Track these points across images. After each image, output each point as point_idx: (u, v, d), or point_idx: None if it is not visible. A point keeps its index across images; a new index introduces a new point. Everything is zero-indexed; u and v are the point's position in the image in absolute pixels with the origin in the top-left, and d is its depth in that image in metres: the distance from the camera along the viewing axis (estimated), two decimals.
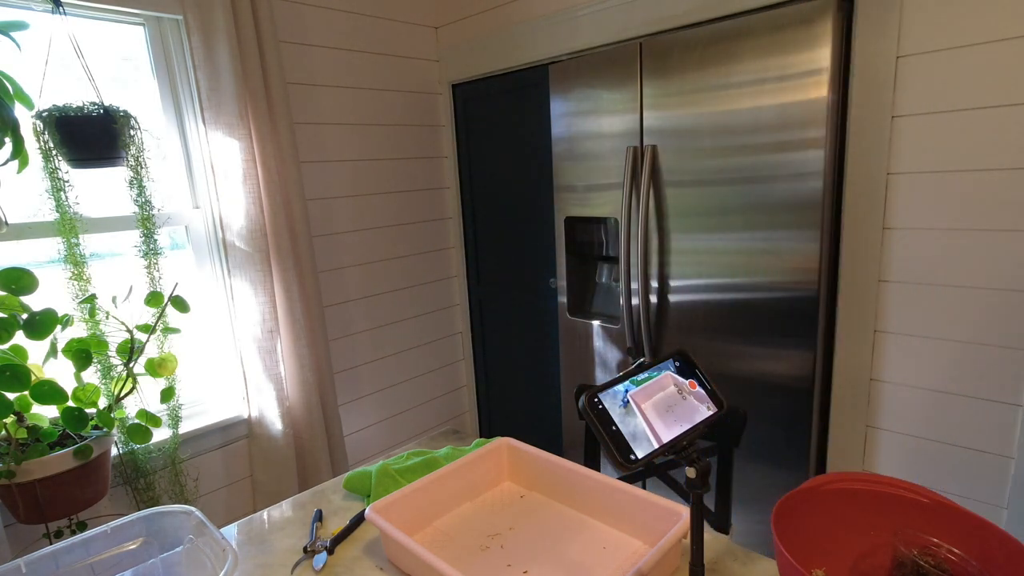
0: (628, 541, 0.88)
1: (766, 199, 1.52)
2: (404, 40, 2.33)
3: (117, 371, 1.52)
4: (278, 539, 0.96)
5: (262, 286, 1.83)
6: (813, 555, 0.71)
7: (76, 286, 1.48)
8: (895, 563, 0.69)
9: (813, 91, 1.40)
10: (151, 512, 0.88)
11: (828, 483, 0.75)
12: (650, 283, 1.80)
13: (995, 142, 1.27)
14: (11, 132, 1.26)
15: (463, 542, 0.90)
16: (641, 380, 0.69)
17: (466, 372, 2.77)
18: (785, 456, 1.61)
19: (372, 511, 0.86)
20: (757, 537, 1.71)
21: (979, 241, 1.32)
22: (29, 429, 1.36)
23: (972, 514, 0.67)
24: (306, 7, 2.01)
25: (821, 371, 1.55)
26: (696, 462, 0.64)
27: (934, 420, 1.44)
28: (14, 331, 1.29)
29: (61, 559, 0.81)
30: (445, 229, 2.60)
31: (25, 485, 1.31)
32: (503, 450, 1.07)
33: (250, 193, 1.77)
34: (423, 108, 2.43)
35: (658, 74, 1.66)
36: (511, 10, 2.15)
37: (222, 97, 1.71)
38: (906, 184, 1.39)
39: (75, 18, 1.53)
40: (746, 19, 1.47)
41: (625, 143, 1.77)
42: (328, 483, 1.15)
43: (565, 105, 1.91)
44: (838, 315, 1.53)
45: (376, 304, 2.34)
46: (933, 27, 1.30)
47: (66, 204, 1.45)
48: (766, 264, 1.55)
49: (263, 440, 1.92)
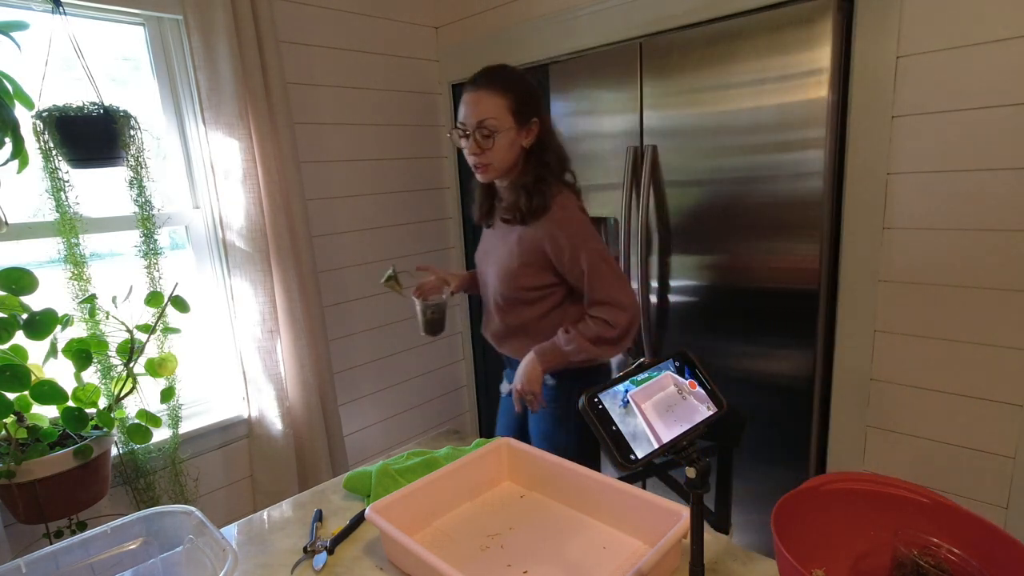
0: (628, 541, 0.88)
1: (766, 199, 1.52)
2: (404, 40, 2.33)
3: (117, 371, 1.52)
4: (278, 539, 0.96)
5: (262, 286, 1.83)
6: (813, 555, 0.71)
7: (76, 286, 1.48)
8: (895, 563, 0.69)
9: (813, 91, 1.40)
10: (151, 512, 0.88)
11: (828, 483, 0.75)
12: (650, 283, 1.80)
13: (995, 142, 1.27)
14: (11, 132, 1.26)
15: (463, 542, 0.90)
16: (641, 380, 0.69)
17: (466, 372, 2.76)
18: (785, 456, 1.61)
19: (372, 511, 0.86)
20: (757, 537, 1.71)
21: (979, 241, 1.32)
22: (29, 429, 1.36)
23: (972, 514, 0.67)
24: (306, 7, 2.00)
25: (821, 371, 1.55)
26: (696, 462, 0.64)
27: (934, 420, 1.44)
28: (14, 331, 1.29)
29: (61, 559, 0.81)
30: (445, 229, 2.60)
31: (25, 485, 1.30)
32: (503, 450, 1.07)
33: (250, 193, 1.77)
34: (423, 108, 2.43)
35: (658, 74, 1.66)
36: (511, 10, 2.15)
37: (222, 97, 1.71)
38: (906, 184, 1.39)
39: (75, 18, 1.53)
40: (746, 19, 1.47)
41: (625, 143, 1.77)
42: (328, 483, 1.15)
43: (565, 105, 1.91)
44: (838, 315, 1.53)
45: (376, 304, 2.34)
46: (933, 27, 1.30)
47: (66, 204, 1.45)
48: (766, 264, 1.55)
49: (263, 440, 1.92)
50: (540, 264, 1.33)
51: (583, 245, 1.29)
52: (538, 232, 1.31)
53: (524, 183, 1.33)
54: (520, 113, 1.30)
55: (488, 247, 1.48)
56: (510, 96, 1.29)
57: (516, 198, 1.33)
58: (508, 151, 1.31)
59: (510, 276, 1.36)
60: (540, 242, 1.31)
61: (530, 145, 1.34)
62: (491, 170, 1.33)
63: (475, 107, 1.29)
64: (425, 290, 1.53)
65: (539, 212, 1.30)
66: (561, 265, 1.31)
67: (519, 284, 1.36)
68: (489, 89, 1.29)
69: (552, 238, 1.29)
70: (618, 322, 1.28)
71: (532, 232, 1.32)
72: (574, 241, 1.29)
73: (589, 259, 1.29)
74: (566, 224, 1.30)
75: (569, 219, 1.31)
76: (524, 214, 1.32)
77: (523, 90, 1.32)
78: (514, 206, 1.33)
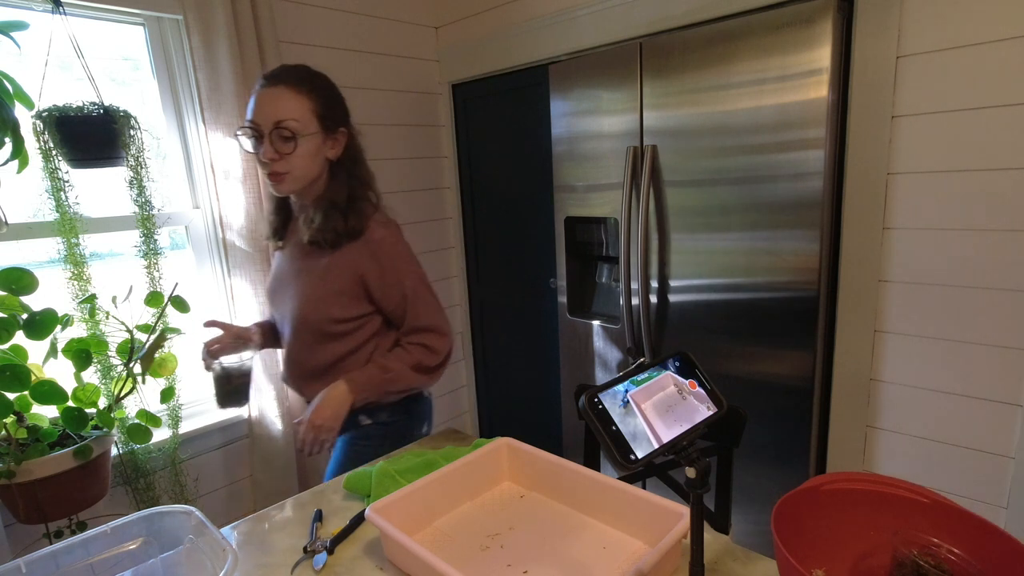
0: (628, 541, 0.88)
1: (766, 199, 1.52)
2: (404, 40, 2.33)
3: (117, 371, 1.52)
4: (278, 539, 0.96)
5: (262, 286, 1.82)
6: (813, 555, 0.71)
7: (76, 286, 1.48)
8: (895, 563, 0.69)
9: (813, 91, 1.40)
10: (151, 512, 0.87)
11: (828, 483, 0.75)
12: (650, 283, 1.80)
13: (995, 142, 1.27)
14: (11, 132, 1.26)
15: (463, 542, 0.90)
16: (641, 380, 0.69)
17: (466, 372, 2.76)
18: (785, 456, 1.61)
19: (372, 511, 0.86)
20: (757, 537, 1.71)
21: (979, 241, 1.32)
22: (29, 429, 1.36)
23: (972, 514, 0.67)
24: (306, 7, 2.00)
25: (821, 371, 1.55)
26: (696, 462, 0.64)
27: (934, 420, 1.44)
28: (14, 331, 1.29)
29: (61, 559, 0.81)
30: (445, 229, 2.60)
31: (25, 485, 1.30)
32: (503, 450, 1.07)
33: (250, 193, 1.77)
34: (423, 108, 2.43)
35: (658, 74, 1.66)
36: (511, 10, 2.15)
37: (222, 97, 1.71)
38: (906, 184, 1.39)
39: (75, 18, 1.53)
40: (746, 19, 1.47)
41: (625, 143, 1.77)
42: (328, 483, 1.15)
43: (565, 105, 1.91)
44: (838, 315, 1.53)
45: None
46: (933, 27, 1.30)
47: (66, 204, 1.45)
48: (766, 264, 1.55)
49: (263, 440, 1.92)
50: (354, 292, 1.19)
51: (406, 269, 1.20)
52: (353, 256, 1.17)
53: (336, 201, 1.18)
54: (327, 119, 1.16)
55: (285, 276, 1.29)
56: (315, 98, 1.15)
57: (328, 219, 1.17)
58: (311, 160, 1.16)
59: (319, 307, 1.20)
60: (356, 267, 1.17)
61: (337, 158, 1.20)
62: (289, 180, 1.16)
63: (273, 105, 1.11)
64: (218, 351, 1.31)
65: (355, 234, 1.17)
66: (380, 291, 1.19)
67: (330, 315, 1.20)
68: (291, 87, 1.13)
69: (371, 262, 1.17)
70: (439, 348, 1.20)
71: (345, 257, 1.18)
72: (396, 264, 1.19)
73: (412, 284, 1.20)
74: (386, 247, 1.18)
75: (389, 241, 1.19)
76: (339, 236, 1.17)
77: (330, 94, 1.19)
78: (326, 227, 1.17)
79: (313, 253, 1.21)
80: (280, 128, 1.11)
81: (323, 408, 1.17)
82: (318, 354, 1.24)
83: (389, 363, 1.20)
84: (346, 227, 1.16)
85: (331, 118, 1.17)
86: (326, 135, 1.17)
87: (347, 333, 1.22)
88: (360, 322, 1.22)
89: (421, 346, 1.21)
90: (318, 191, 1.21)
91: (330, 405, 1.17)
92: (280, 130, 1.12)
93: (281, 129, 1.11)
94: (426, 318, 1.21)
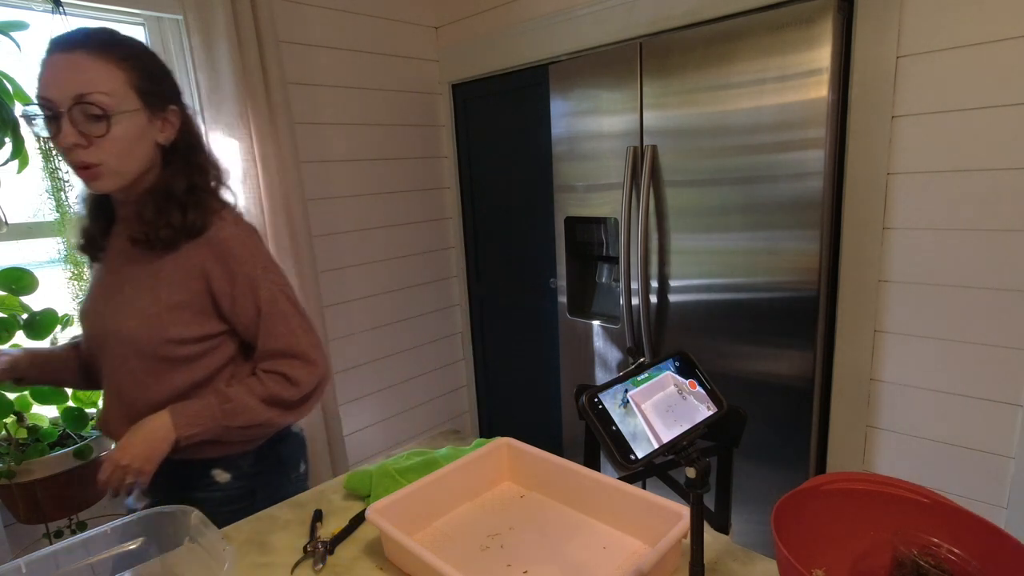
0: (628, 541, 0.88)
1: (766, 199, 1.52)
2: (404, 40, 2.33)
3: None
4: (278, 539, 0.96)
5: None
6: (813, 555, 0.71)
7: (76, 286, 1.48)
8: (895, 563, 0.69)
9: (813, 91, 1.40)
10: (151, 512, 0.87)
11: (828, 483, 0.75)
12: (650, 283, 1.80)
13: (995, 142, 1.27)
14: (11, 132, 1.26)
15: (463, 542, 0.90)
16: (641, 380, 0.69)
17: (466, 372, 2.76)
18: (785, 456, 1.61)
19: (372, 511, 0.86)
20: (757, 537, 1.71)
21: (979, 241, 1.32)
22: (29, 429, 1.36)
23: (972, 514, 0.67)
24: (306, 7, 2.00)
25: (821, 371, 1.55)
26: (696, 462, 0.64)
27: (934, 420, 1.44)
28: (14, 331, 1.29)
29: (61, 559, 0.81)
30: (445, 229, 2.60)
31: (25, 485, 1.31)
32: (503, 450, 1.07)
33: (250, 193, 1.77)
34: (423, 108, 2.43)
35: (658, 74, 1.66)
36: (511, 10, 2.15)
37: (222, 97, 1.71)
38: (906, 184, 1.39)
39: (75, 18, 1.53)
40: (746, 19, 1.47)
41: (625, 143, 1.77)
42: (328, 483, 1.15)
43: (565, 105, 1.91)
44: (838, 315, 1.53)
45: (376, 304, 2.34)
46: (933, 27, 1.30)
47: (66, 204, 1.45)
48: (766, 264, 1.55)
49: None
50: (197, 305, 0.95)
51: (262, 275, 0.95)
52: (194, 259, 0.93)
53: (172, 192, 0.93)
54: (151, 94, 0.91)
55: (104, 292, 1.00)
56: (131, 68, 0.88)
57: (161, 212, 0.92)
58: (134, 146, 0.90)
59: (151, 325, 0.93)
60: (198, 271, 0.93)
61: (170, 142, 0.95)
62: (107, 174, 0.89)
63: (71, 75, 0.84)
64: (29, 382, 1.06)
65: (196, 231, 0.93)
66: (229, 303, 0.95)
67: (166, 336, 0.93)
68: (94, 54, 0.85)
69: (217, 266, 0.93)
70: (302, 379, 0.95)
71: (184, 260, 0.93)
72: (248, 270, 0.94)
73: (269, 295, 0.95)
74: (235, 247, 0.94)
75: (239, 239, 0.95)
76: (175, 233, 0.92)
77: (153, 65, 0.92)
78: (158, 222, 0.92)
79: (141, 258, 0.95)
80: (83, 104, 0.84)
81: (132, 444, 0.90)
82: (152, 388, 0.96)
83: (232, 392, 0.95)
84: (184, 221, 0.92)
85: (156, 94, 0.92)
86: (152, 114, 0.91)
87: (190, 359, 0.96)
88: (207, 345, 0.97)
89: (278, 375, 0.96)
90: (148, 185, 0.95)
91: (144, 441, 0.90)
92: (83, 106, 0.84)
93: (85, 105, 0.84)
94: (285, 340, 0.96)
